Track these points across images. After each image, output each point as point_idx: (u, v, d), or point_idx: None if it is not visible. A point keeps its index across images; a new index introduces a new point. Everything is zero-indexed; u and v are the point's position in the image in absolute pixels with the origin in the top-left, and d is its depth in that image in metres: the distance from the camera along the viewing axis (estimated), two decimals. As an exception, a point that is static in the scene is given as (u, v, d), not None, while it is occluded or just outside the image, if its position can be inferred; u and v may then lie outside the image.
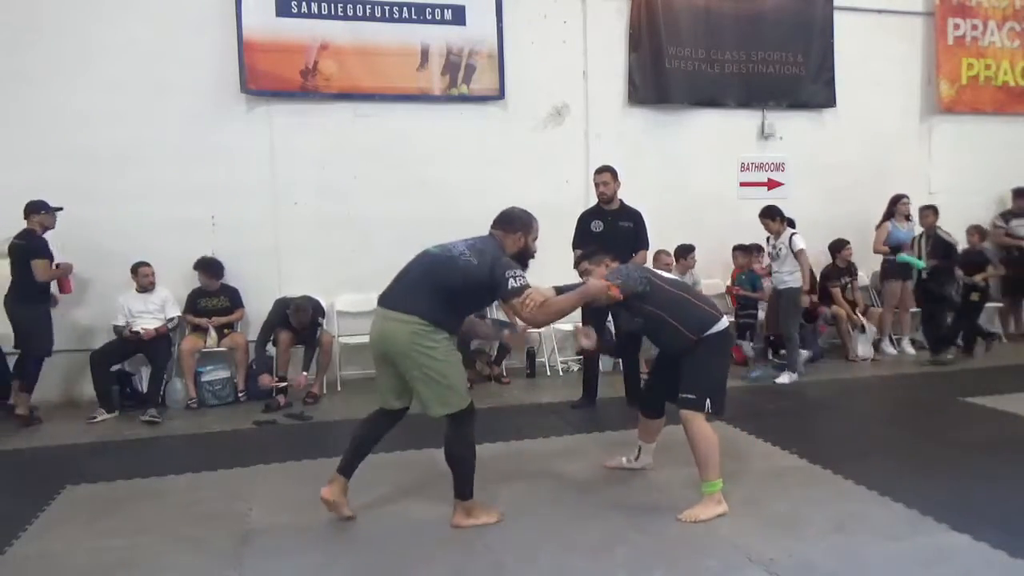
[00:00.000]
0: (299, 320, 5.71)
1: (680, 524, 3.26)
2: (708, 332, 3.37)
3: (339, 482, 3.40)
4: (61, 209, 5.60)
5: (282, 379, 5.74)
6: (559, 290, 3.37)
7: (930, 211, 7.12)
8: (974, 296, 7.16)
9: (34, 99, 5.97)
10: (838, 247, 7.21)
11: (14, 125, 5.94)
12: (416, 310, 3.12)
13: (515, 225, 3.31)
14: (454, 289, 3.13)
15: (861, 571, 2.83)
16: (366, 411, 3.53)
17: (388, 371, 3.28)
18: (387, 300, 3.23)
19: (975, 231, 7.45)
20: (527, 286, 3.11)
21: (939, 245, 6.94)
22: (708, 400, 3.33)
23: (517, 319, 3.37)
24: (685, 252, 6.88)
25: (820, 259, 7.36)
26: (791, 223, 6.42)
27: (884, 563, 2.88)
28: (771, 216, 6.34)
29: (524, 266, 3.30)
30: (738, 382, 6.22)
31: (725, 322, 3.45)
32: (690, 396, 3.33)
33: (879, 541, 3.07)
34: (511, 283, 3.07)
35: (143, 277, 5.85)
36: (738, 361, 6.99)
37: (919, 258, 7.06)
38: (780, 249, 6.29)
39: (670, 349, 3.51)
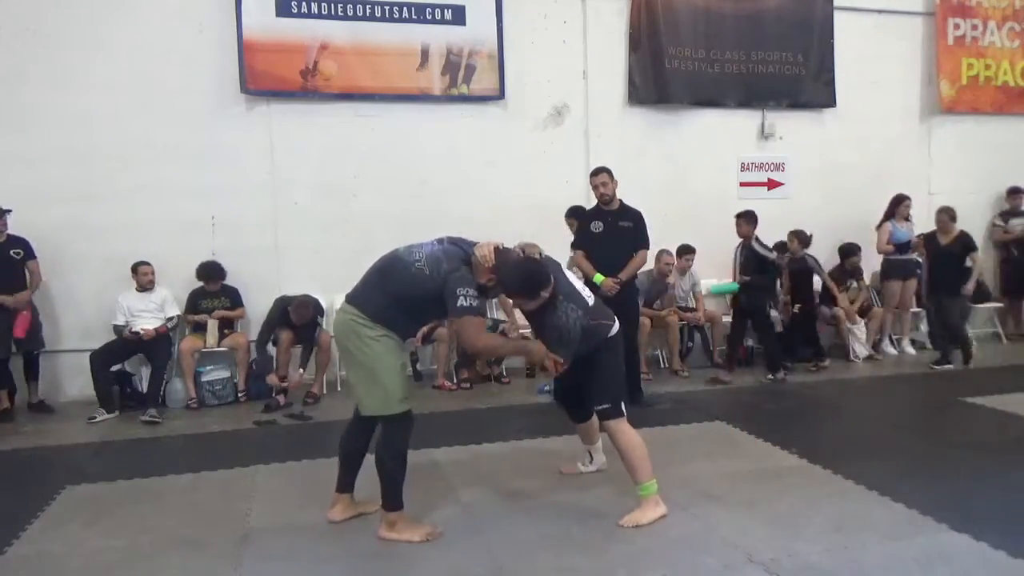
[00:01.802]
0: (300, 316, 5.71)
1: (680, 524, 3.26)
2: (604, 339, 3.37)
3: (342, 501, 3.40)
4: (10, 211, 5.60)
5: (283, 378, 5.75)
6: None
7: (742, 220, 6.27)
8: (796, 309, 6.66)
9: (34, 99, 5.97)
10: (849, 252, 7.21)
11: (14, 125, 5.93)
12: (359, 303, 3.11)
13: (509, 280, 3.07)
14: (403, 295, 3.05)
15: (861, 571, 2.83)
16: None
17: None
18: (348, 293, 3.23)
19: (794, 237, 6.71)
20: (477, 309, 2.98)
21: (751, 259, 6.23)
22: (622, 403, 3.34)
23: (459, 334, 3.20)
24: (684, 252, 6.87)
25: (822, 259, 7.37)
26: None
27: (884, 563, 2.88)
28: (574, 217, 5.77)
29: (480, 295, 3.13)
30: (738, 382, 6.24)
31: (616, 326, 3.42)
32: (606, 406, 3.31)
33: (879, 541, 3.07)
34: (461, 301, 2.92)
35: (142, 276, 5.85)
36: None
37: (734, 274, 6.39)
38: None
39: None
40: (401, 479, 3.18)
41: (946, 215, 6.74)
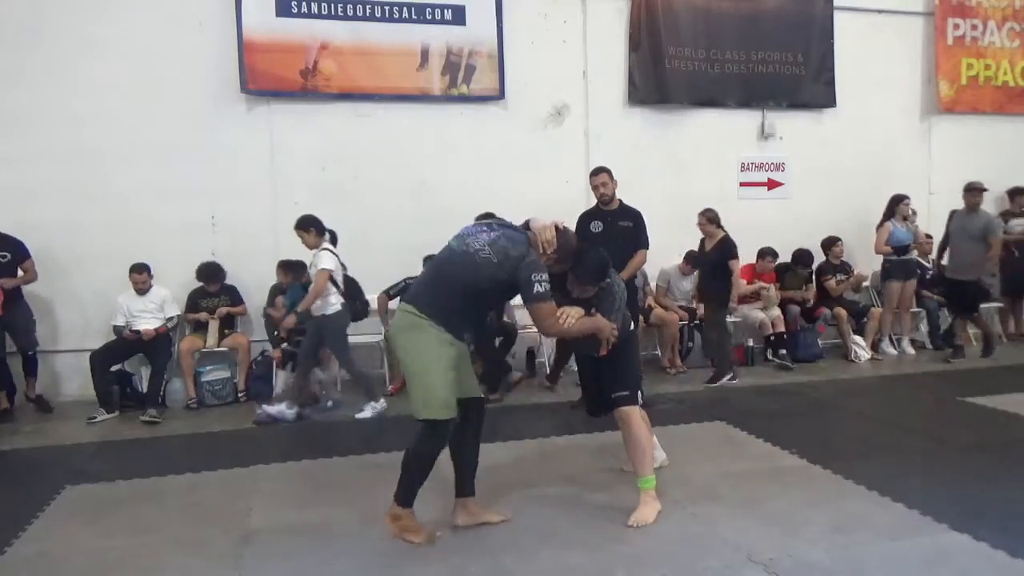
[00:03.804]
0: (287, 275, 5.83)
1: (680, 524, 3.27)
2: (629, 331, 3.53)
3: (463, 506, 3.31)
4: None
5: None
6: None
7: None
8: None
9: (33, 99, 5.97)
10: (829, 243, 7.24)
11: (13, 125, 5.93)
12: (415, 299, 3.09)
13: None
14: (469, 284, 3.00)
15: (861, 571, 2.83)
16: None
17: None
18: (404, 296, 3.29)
19: None
20: (551, 295, 3.00)
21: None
22: (639, 392, 3.47)
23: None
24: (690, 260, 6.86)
25: (820, 259, 7.41)
26: (333, 237, 5.52)
27: (884, 563, 2.88)
28: (304, 228, 5.26)
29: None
30: (738, 382, 6.23)
31: (632, 323, 3.62)
32: (624, 393, 3.41)
33: (879, 541, 3.07)
34: (536, 288, 2.93)
35: (137, 283, 5.79)
36: (738, 361, 6.99)
37: None
38: (311, 268, 5.28)
39: (589, 352, 3.50)
40: (419, 483, 3.15)
41: (704, 217, 6.27)
